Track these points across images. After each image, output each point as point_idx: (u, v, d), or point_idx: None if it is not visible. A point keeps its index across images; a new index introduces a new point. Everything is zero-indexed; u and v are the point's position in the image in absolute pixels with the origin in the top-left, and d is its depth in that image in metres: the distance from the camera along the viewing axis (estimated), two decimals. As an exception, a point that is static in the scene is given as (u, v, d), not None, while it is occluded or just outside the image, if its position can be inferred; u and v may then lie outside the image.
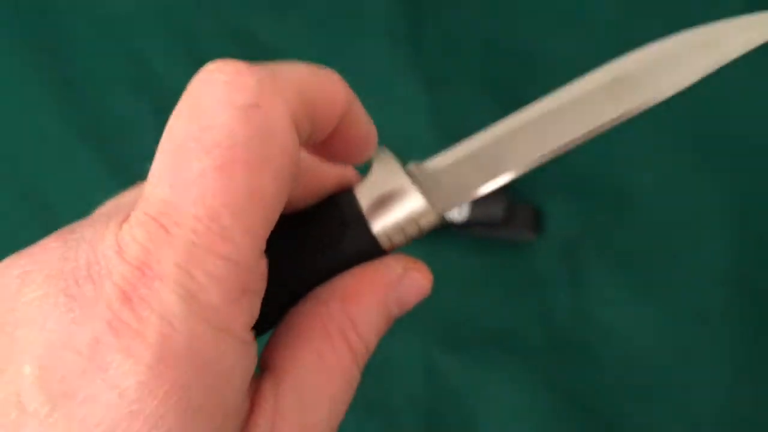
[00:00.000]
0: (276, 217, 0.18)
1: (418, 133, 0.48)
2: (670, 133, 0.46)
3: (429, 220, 0.23)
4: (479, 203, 0.44)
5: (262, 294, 0.19)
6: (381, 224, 0.23)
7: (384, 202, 0.23)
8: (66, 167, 0.50)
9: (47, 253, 0.17)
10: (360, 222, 0.23)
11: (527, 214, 0.45)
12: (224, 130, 0.17)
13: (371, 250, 0.23)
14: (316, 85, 0.19)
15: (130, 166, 0.49)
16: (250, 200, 0.17)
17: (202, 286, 0.17)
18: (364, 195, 0.23)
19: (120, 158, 0.49)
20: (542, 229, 0.45)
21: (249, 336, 0.18)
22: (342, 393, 0.21)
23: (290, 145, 0.18)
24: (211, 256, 0.17)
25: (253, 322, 0.18)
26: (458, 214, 0.44)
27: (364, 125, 0.22)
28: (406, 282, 0.23)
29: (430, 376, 0.44)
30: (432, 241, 0.46)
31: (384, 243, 0.23)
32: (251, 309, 0.18)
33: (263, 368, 0.21)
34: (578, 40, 0.48)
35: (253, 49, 0.50)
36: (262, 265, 0.18)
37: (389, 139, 0.48)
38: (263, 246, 0.18)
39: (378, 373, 0.43)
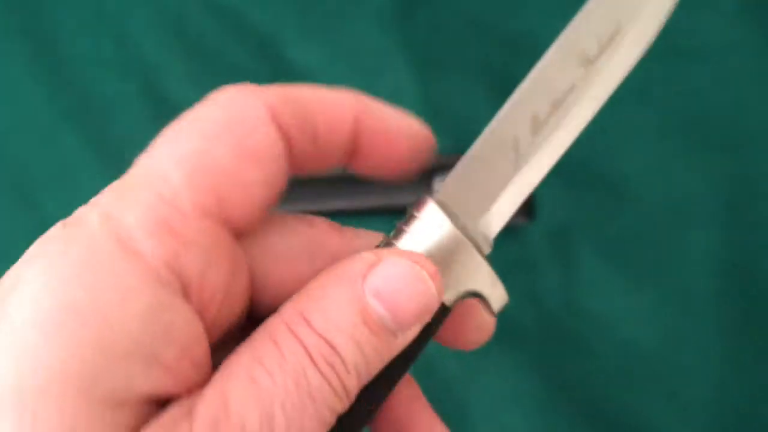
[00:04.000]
0: (247, 197, 0.19)
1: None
2: (661, 119, 0.46)
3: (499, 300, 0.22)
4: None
5: (207, 256, 0.18)
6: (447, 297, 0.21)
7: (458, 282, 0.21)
8: (51, 150, 0.49)
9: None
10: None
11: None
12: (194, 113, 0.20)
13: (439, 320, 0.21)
14: (313, 94, 0.20)
15: (116, 149, 0.48)
16: (199, 160, 0.19)
17: (121, 207, 0.18)
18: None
19: (106, 141, 0.49)
20: (534, 213, 0.45)
21: (169, 276, 0.18)
22: (286, 396, 0.17)
23: (259, 131, 0.19)
24: (144, 187, 0.18)
25: (184, 271, 0.18)
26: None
27: (395, 129, 0.22)
28: (384, 270, 0.19)
29: (421, 361, 0.44)
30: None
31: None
32: (178, 252, 0.18)
33: None
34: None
35: (241, 31, 0.49)
36: (220, 234, 0.19)
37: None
38: (224, 216, 0.19)
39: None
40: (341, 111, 0.20)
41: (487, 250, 0.22)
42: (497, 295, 0.23)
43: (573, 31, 0.24)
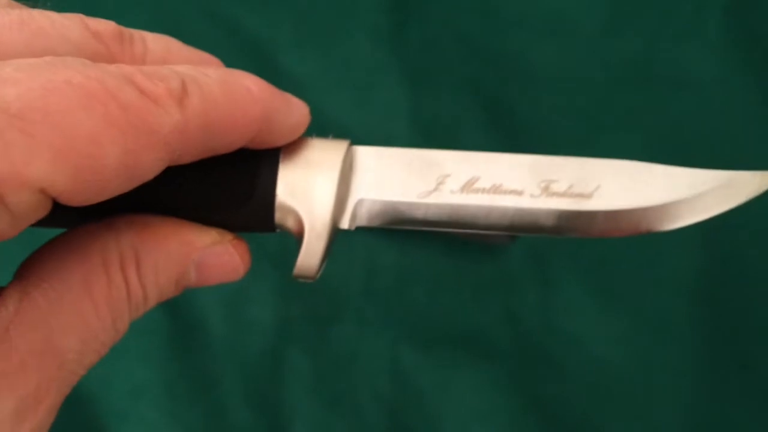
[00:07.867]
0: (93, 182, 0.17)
1: (399, 131, 0.48)
2: (645, 146, 0.46)
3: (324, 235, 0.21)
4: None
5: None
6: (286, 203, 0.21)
7: (302, 185, 0.21)
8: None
9: None
10: (269, 187, 0.21)
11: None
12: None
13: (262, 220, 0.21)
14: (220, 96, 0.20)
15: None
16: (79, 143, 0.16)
17: None
18: (288, 169, 0.21)
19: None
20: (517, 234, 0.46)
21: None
22: (102, 332, 0.19)
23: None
24: None
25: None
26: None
27: (290, 119, 0.21)
28: (213, 254, 0.21)
29: (396, 373, 0.44)
30: (404, 239, 0.46)
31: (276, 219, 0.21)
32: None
33: (15, 277, 0.19)
34: (562, 44, 0.48)
35: (236, 36, 0.49)
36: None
37: (369, 137, 0.48)
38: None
39: (344, 367, 0.44)
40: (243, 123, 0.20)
41: (345, 224, 0.22)
42: (309, 255, 0.21)
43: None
